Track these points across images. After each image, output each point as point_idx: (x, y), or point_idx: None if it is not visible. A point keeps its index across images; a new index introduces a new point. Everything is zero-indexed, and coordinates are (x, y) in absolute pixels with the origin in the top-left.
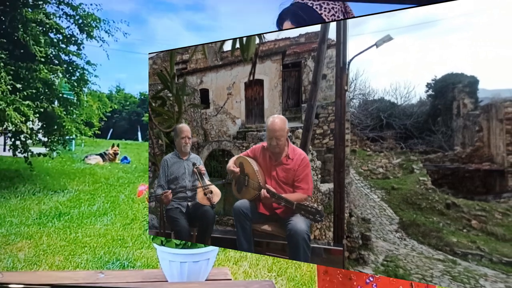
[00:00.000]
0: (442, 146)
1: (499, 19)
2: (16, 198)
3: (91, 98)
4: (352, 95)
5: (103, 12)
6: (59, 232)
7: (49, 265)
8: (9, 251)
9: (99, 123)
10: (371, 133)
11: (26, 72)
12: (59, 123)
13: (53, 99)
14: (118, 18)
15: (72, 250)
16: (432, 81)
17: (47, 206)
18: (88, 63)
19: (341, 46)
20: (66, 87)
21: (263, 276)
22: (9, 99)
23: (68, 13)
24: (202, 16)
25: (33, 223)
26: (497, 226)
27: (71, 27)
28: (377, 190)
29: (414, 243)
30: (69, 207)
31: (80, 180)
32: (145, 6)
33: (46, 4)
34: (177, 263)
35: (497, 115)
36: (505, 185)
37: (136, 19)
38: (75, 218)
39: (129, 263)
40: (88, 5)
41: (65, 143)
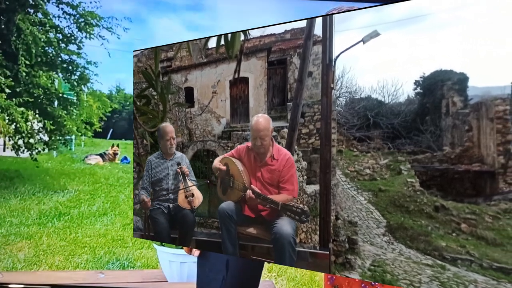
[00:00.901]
0: (431, 146)
1: (490, 13)
2: (16, 198)
3: (91, 98)
4: (339, 93)
5: (103, 11)
6: (59, 232)
7: (49, 265)
8: (9, 251)
9: (99, 123)
10: (358, 132)
11: (26, 77)
12: (60, 123)
13: (53, 99)
14: (118, 17)
15: (72, 250)
16: (420, 78)
17: (47, 206)
18: (88, 63)
19: (327, 42)
20: (66, 87)
21: (263, 276)
22: (4, 104)
23: (68, 12)
24: (202, 16)
25: (33, 223)
26: (488, 230)
27: (71, 26)
28: (364, 192)
29: (402, 248)
30: (69, 207)
31: (80, 180)
32: (145, 6)
33: (46, 4)
34: (177, 263)
35: (488, 113)
36: (496, 187)
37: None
38: (75, 218)
39: (129, 263)
40: (88, 4)
41: (66, 143)
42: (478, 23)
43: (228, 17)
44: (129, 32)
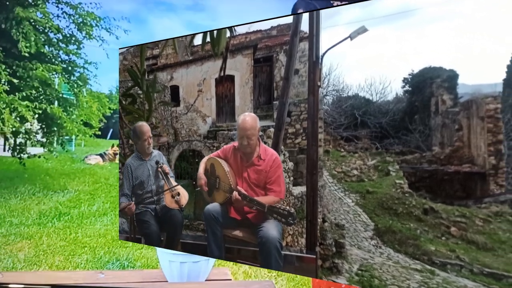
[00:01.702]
0: (420, 146)
1: (480, 8)
2: (16, 198)
3: (91, 99)
4: (325, 92)
5: (103, 11)
6: (59, 232)
7: (49, 265)
8: (9, 251)
9: (99, 123)
10: (345, 132)
11: (23, 70)
12: (59, 124)
13: (52, 100)
14: (118, 17)
15: (72, 250)
16: (409, 75)
17: (47, 206)
18: (87, 62)
19: (314, 39)
20: (66, 87)
21: (263, 276)
22: (7, 99)
23: (67, 12)
24: (202, 16)
25: (33, 223)
26: (478, 233)
27: (70, 26)
28: (351, 193)
29: (390, 252)
30: (69, 207)
31: (80, 180)
32: (145, 6)
33: (45, 3)
34: (177, 263)
35: (478, 112)
36: (487, 189)
37: (136, 19)
38: (75, 218)
39: (129, 263)
40: (87, 4)
41: (63, 144)
42: (468, 17)
43: (228, 17)
44: (129, 33)
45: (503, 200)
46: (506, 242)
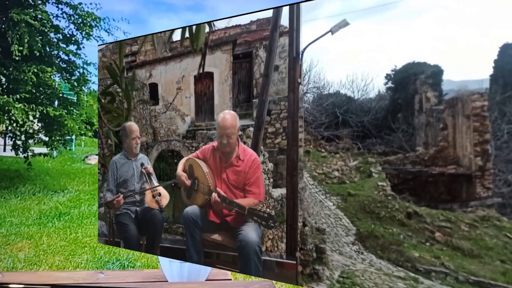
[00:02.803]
0: (403, 147)
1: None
2: (16, 198)
3: (91, 98)
4: (306, 89)
5: (103, 12)
6: (59, 232)
7: (49, 265)
8: (9, 251)
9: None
10: (326, 131)
11: (16, 72)
12: (60, 122)
13: (53, 99)
14: (118, 18)
15: (72, 250)
16: (391, 71)
17: (47, 206)
18: (86, 63)
19: (295, 33)
20: (66, 87)
21: None
22: (1, 101)
23: (67, 12)
24: (202, 17)
25: (33, 223)
26: (464, 239)
27: (70, 26)
28: (332, 196)
29: (372, 258)
30: (69, 207)
31: (80, 180)
32: (145, 6)
33: (45, 4)
34: (177, 263)
35: (464, 110)
36: (473, 191)
37: (136, 20)
38: (75, 218)
39: (129, 263)
40: (87, 5)
41: (65, 143)
42: (453, 10)
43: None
44: (129, 33)
45: (490, 203)
46: (493, 249)
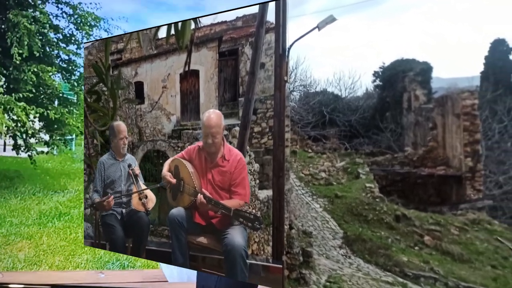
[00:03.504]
0: (391, 147)
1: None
2: (16, 198)
3: None
4: (292, 87)
5: (103, 12)
6: (59, 232)
7: (49, 265)
8: (9, 251)
9: None
10: (313, 131)
11: (17, 72)
12: (61, 121)
13: (53, 99)
14: (116, 18)
15: (72, 250)
16: (379, 69)
17: (47, 206)
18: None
19: (281, 30)
20: (66, 87)
21: None
22: (3, 99)
23: (67, 12)
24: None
25: (33, 223)
26: (453, 243)
27: (70, 26)
28: (319, 198)
29: (360, 262)
30: (69, 207)
31: (80, 180)
32: (145, 6)
33: (44, 3)
34: None
35: (453, 109)
36: (463, 193)
37: (137, 20)
38: (75, 218)
39: (129, 263)
40: (87, 4)
41: (66, 143)
42: (443, 4)
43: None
44: (128, 31)
45: (481, 206)
46: (484, 253)
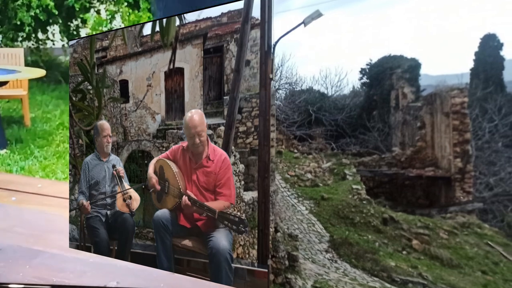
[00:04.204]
0: (378, 147)
1: None
2: None
3: None
4: (278, 85)
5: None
6: None
7: None
8: None
9: None
10: (299, 130)
11: None
12: None
13: None
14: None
15: None
16: (366, 66)
17: None
18: None
19: (266, 26)
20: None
21: None
22: None
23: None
24: None
25: None
26: (442, 248)
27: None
28: (305, 200)
29: (347, 267)
30: None
31: None
32: None
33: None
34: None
35: (442, 107)
36: (452, 196)
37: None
38: None
39: None
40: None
41: None
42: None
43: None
44: None
45: (471, 209)
46: (474, 259)
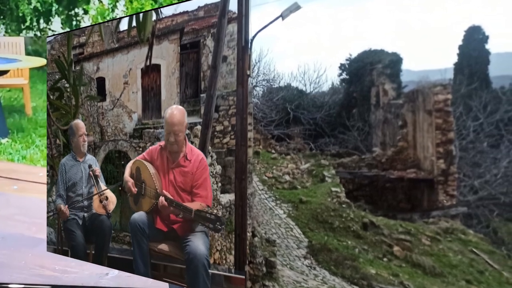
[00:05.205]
0: (358, 147)
1: None
2: None
3: None
4: (255, 82)
5: None
6: None
7: None
8: None
9: None
10: (276, 130)
11: None
12: None
13: None
14: None
15: None
16: (346, 61)
17: None
18: None
19: (243, 20)
20: None
21: None
22: None
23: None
24: None
25: None
26: (425, 255)
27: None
28: (283, 203)
29: (326, 274)
30: None
31: None
32: None
33: None
34: None
35: (425, 104)
36: (435, 199)
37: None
38: None
39: None
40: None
41: None
42: None
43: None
44: None
45: (454, 214)
46: (458, 267)
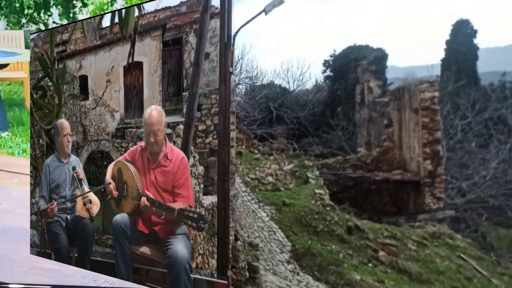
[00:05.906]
0: (343, 147)
1: None
2: None
3: None
4: (238, 79)
5: None
6: None
7: None
8: None
9: None
10: (259, 129)
11: None
12: None
13: None
14: None
15: None
16: (330, 57)
17: None
18: None
19: (226, 15)
20: None
21: None
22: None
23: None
24: None
25: None
26: (411, 260)
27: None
28: (266, 206)
29: (309, 279)
30: None
31: None
32: None
33: None
34: None
35: (411, 103)
36: (421, 202)
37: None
38: None
39: None
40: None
41: None
42: None
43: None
44: None
45: (441, 217)
46: (445, 273)
